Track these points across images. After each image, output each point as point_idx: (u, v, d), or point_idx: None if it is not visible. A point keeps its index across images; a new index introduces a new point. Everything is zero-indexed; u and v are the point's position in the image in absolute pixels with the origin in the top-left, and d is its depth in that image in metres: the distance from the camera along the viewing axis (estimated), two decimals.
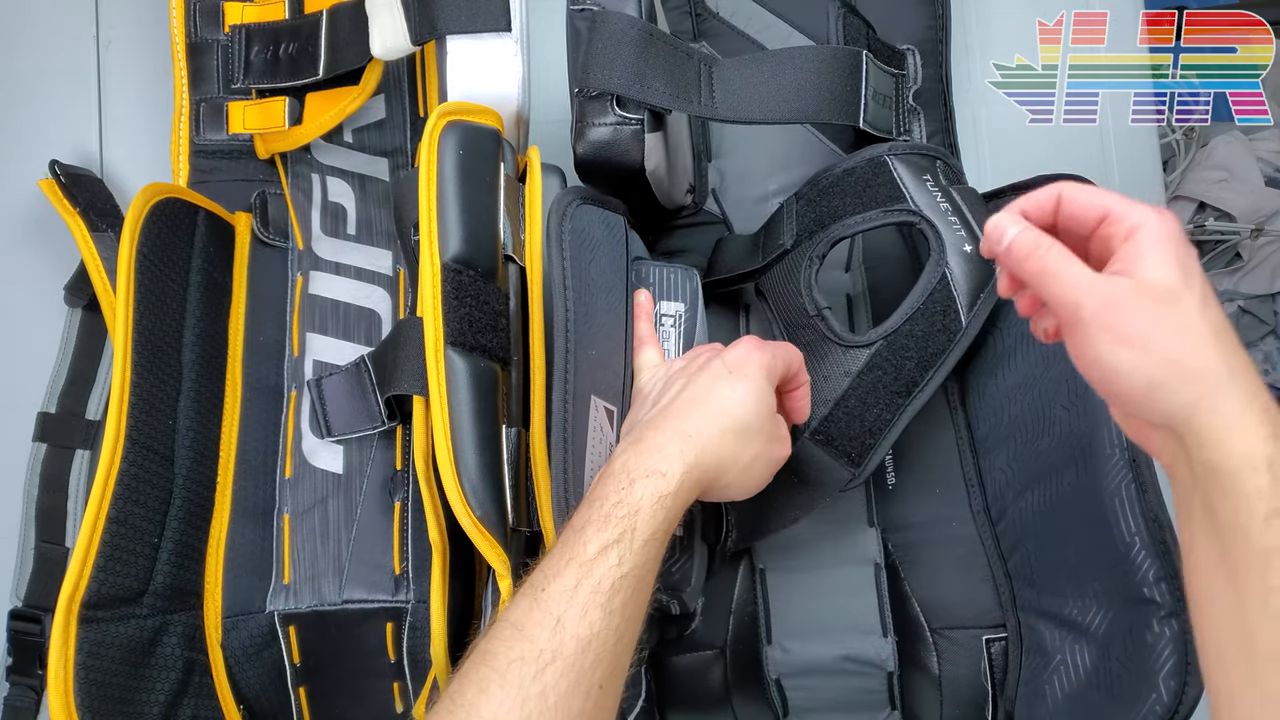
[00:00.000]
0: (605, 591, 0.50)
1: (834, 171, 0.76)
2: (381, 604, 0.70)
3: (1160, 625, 0.59)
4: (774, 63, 0.73)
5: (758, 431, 0.60)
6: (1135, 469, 0.62)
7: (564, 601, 0.50)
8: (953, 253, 0.70)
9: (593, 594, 0.50)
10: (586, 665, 0.49)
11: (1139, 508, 0.61)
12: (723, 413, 0.59)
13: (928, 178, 0.74)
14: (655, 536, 0.54)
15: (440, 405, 0.60)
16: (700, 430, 0.58)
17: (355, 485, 0.74)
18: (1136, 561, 0.60)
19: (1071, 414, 0.67)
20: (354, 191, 0.84)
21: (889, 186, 0.73)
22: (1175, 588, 0.58)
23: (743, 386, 0.60)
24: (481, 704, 0.47)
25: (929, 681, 0.72)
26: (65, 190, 0.81)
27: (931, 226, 0.71)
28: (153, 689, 0.66)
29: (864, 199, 0.74)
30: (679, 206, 0.84)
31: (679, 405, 0.60)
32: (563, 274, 0.63)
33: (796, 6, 0.88)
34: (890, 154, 0.75)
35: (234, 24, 0.86)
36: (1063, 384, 0.68)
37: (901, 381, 0.69)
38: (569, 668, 0.48)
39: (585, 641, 0.49)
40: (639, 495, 0.54)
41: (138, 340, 0.71)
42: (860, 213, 0.73)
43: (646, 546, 0.53)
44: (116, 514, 0.66)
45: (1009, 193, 0.75)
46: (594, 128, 0.70)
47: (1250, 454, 0.42)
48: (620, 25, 0.68)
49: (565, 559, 0.52)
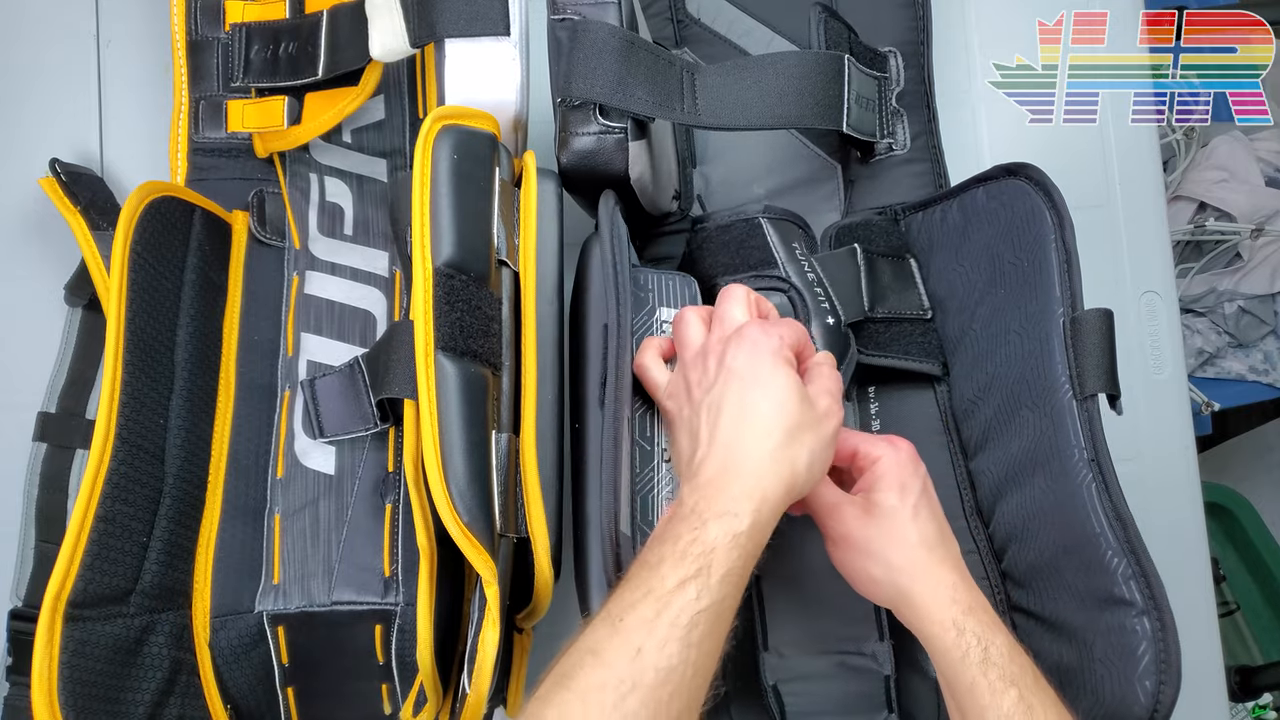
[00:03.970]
0: (684, 625, 0.50)
1: (712, 225, 0.77)
2: (371, 606, 0.70)
3: (1134, 623, 0.59)
4: (756, 69, 0.73)
5: (800, 425, 0.59)
6: (1097, 468, 0.63)
7: (643, 632, 0.50)
8: (816, 322, 0.72)
9: (671, 627, 0.50)
10: (665, 697, 0.49)
11: (1101, 507, 0.62)
12: (765, 432, 0.58)
13: (796, 245, 0.75)
14: (732, 573, 0.53)
15: (429, 410, 0.60)
16: (755, 458, 0.58)
17: (347, 487, 0.74)
18: (1107, 560, 0.61)
19: (1037, 415, 0.67)
20: (352, 192, 0.84)
21: (762, 250, 0.75)
22: (1144, 585, 0.59)
23: (772, 389, 0.59)
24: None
25: (925, 684, 0.72)
26: (66, 189, 0.81)
27: (800, 295, 0.72)
28: (139, 688, 0.66)
29: (739, 258, 0.75)
30: (665, 213, 0.84)
31: (724, 436, 0.59)
32: (615, 282, 0.64)
33: (778, 11, 0.88)
34: (764, 216, 0.76)
35: (234, 22, 0.86)
36: (1025, 385, 0.68)
37: None
38: (649, 698, 0.48)
39: (664, 673, 0.49)
40: (713, 535, 0.54)
41: (130, 339, 0.71)
42: (735, 274, 0.75)
43: (724, 583, 0.53)
44: (105, 513, 0.66)
45: (971, 185, 0.76)
46: (577, 137, 0.70)
47: (942, 619, 0.58)
48: (601, 34, 0.68)
49: (643, 591, 0.52)
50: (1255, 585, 1.64)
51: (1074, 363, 0.65)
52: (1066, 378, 0.66)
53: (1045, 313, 0.68)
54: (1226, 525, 1.64)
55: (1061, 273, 0.67)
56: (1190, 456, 0.90)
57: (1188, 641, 0.59)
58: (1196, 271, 1.65)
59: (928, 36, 0.88)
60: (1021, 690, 0.55)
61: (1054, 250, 0.68)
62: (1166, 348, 0.91)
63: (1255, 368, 1.64)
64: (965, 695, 0.56)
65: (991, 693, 0.55)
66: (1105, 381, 0.64)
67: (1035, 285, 0.69)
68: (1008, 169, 0.73)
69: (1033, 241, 0.70)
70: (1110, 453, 0.63)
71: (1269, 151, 1.64)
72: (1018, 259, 0.71)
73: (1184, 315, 1.61)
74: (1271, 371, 1.63)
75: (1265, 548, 1.60)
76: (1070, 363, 0.66)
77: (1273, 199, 1.60)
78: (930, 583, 0.59)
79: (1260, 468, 1.84)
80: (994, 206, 0.73)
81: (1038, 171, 0.71)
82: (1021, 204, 0.71)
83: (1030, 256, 0.70)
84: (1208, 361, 1.65)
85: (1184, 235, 1.62)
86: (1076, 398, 0.65)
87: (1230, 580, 1.65)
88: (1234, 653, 1.63)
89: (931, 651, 0.59)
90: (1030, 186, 0.71)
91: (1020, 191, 0.71)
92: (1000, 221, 0.73)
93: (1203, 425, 1.62)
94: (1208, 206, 1.61)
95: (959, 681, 0.57)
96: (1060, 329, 0.66)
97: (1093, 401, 0.65)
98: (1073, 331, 0.66)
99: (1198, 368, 1.65)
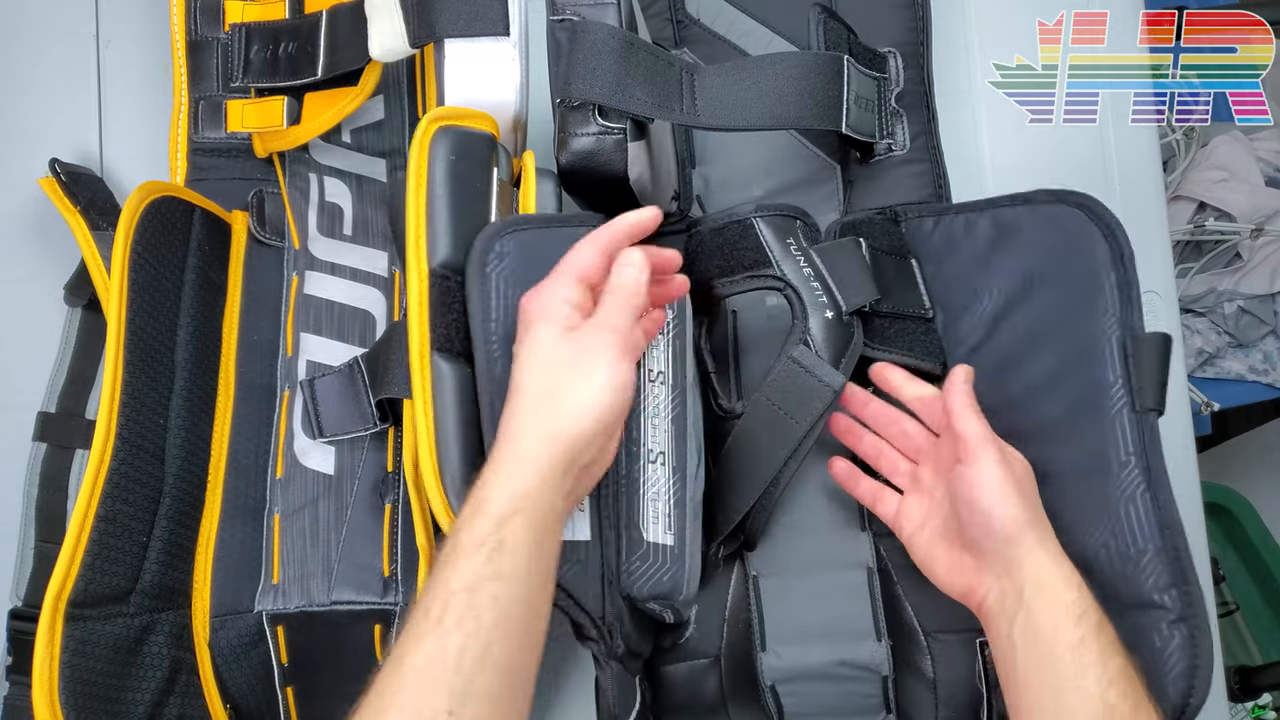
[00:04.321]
0: (435, 617, 0.50)
1: (705, 228, 0.77)
2: (370, 605, 0.70)
3: (1170, 629, 0.60)
4: (755, 69, 0.73)
5: (554, 379, 0.57)
6: (1150, 477, 0.63)
7: (404, 639, 0.50)
8: (814, 318, 0.72)
9: (425, 622, 0.50)
10: (425, 695, 0.48)
11: (1153, 515, 0.62)
12: (516, 395, 0.58)
13: (790, 240, 0.75)
14: (482, 542, 0.52)
15: (425, 411, 0.60)
16: (503, 426, 0.57)
17: (346, 486, 0.74)
18: (1144, 565, 0.62)
19: (1073, 427, 0.67)
20: (351, 192, 0.84)
21: (755, 250, 0.74)
22: (1184, 593, 0.61)
23: (524, 350, 0.58)
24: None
25: (924, 685, 0.72)
26: (66, 189, 0.81)
27: (795, 292, 0.72)
28: (139, 687, 0.66)
29: (733, 260, 0.75)
30: (664, 214, 0.84)
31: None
32: (481, 306, 0.62)
33: (777, 11, 0.88)
34: (756, 215, 0.75)
35: (234, 22, 0.86)
36: (1063, 399, 0.69)
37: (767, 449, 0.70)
38: (405, 703, 0.48)
39: (420, 670, 0.48)
40: (460, 518, 0.54)
41: (130, 339, 0.71)
42: (729, 275, 0.75)
43: (473, 555, 0.51)
44: (105, 512, 0.66)
45: (1006, 202, 0.76)
46: (576, 138, 0.70)
47: (1067, 579, 0.60)
48: (600, 35, 0.68)
49: (413, 604, 0.53)
50: (1255, 585, 1.64)
51: (1134, 377, 0.66)
52: (1124, 390, 0.66)
53: (1095, 331, 0.68)
54: (1226, 525, 1.64)
55: (1123, 296, 0.68)
56: (1190, 456, 0.90)
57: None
58: (1196, 271, 1.65)
59: (927, 37, 0.88)
60: (1125, 662, 0.57)
61: (1111, 276, 0.69)
62: None
63: (1255, 368, 1.64)
64: (1067, 650, 0.56)
65: (1102, 654, 0.56)
66: (1157, 398, 0.66)
67: (1083, 307, 0.69)
68: (1056, 195, 0.73)
69: (1084, 267, 0.70)
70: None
71: (1269, 151, 1.64)
72: (1062, 281, 0.71)
73: (1184, 315, 1.62)
74: (1271, 371, 1.63)
75: (1265, 548, 1.60)
76: (1130, 376, 0.66)
77: (1273, 199, 1.59)
78: (1055, 543, 0.62)
79: (1260, 468, 1.84)
80: (1038, 227, 0.73)
81: (1094, 201, 0.71)
82: (1072, 228, 0.71)
83: (1079, 280, 0.70)
84: (1208, 361, 1.65)
85: (1184, 235, 1.62)
86: (1134, 409, 0.66)
87: (1230, 580, 1.65)
88: (1234, 653, 1.63)
89: (1042, 604, 0.59)
90: (1086, 215, 0.71)
91: (1072, 217, 0.71)
92: (1043, 243, 0.73)
93: (1203, 425, 1.62)
94: (1208, 206, 1.61)
95: (1062, 641, 0.57)
96: (1114, 344, 0.67)
97: (1151, 415, 0.66)
98: (1135, 349, 0.66)
99: (1198, 368, 1.65)
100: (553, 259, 0.64)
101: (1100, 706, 0.54)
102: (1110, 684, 0.55)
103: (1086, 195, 0.72)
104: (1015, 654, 0.59)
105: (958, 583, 0.65)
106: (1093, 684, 0.55)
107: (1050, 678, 0.57)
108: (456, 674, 0.48)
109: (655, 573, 0.63)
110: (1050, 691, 0.57)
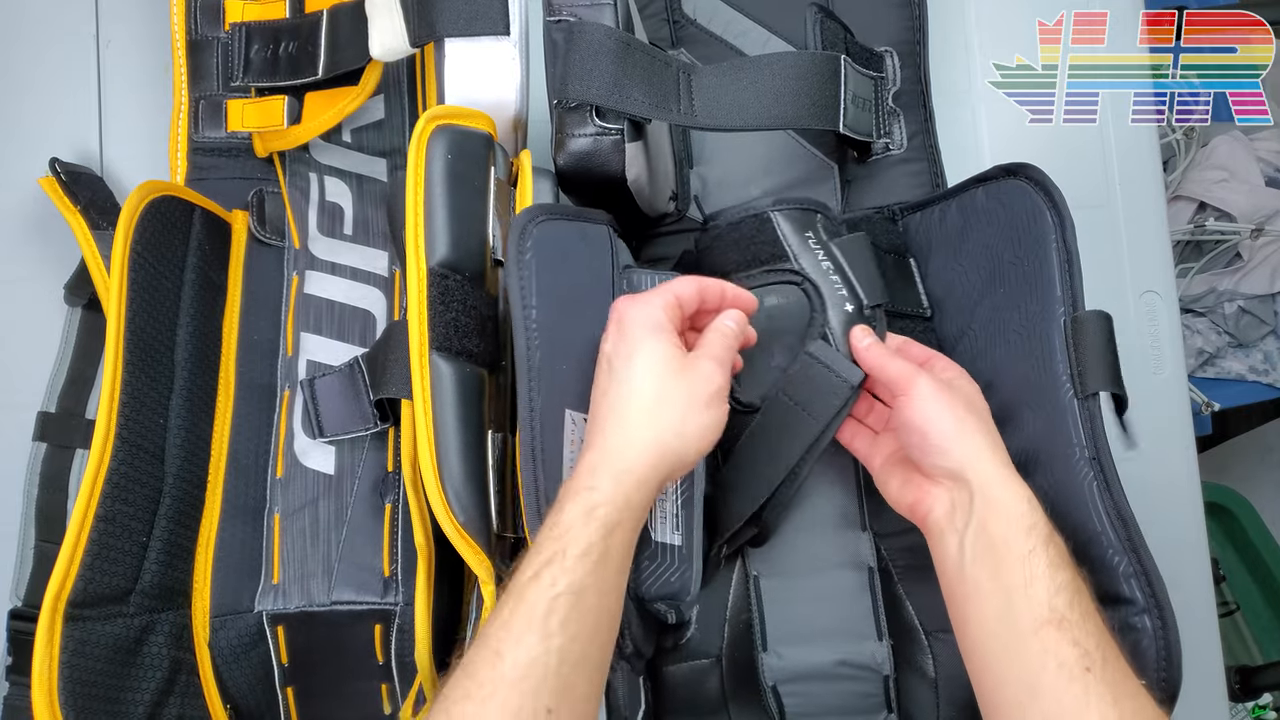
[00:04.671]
0: (540, 615, 0.51)
1: (723, 223, 0.77)
2: (370, 606, 0.70)
3: (1136, 620, 0.59)
4: (752, 69, 0.72)
5: (667, 391, 0.59)
6: (1098, 466, 0.63)
7: (501, 633, 0.51)
8: (834, 311, 0.72)
9: (527, 620, 0.51)
10: (528, 690, 0.49)
11: (1102, 505, 0.62)
12: (626, 402, 0.58)
13: (809, 234, 0.75)
14: (592, 549, 0.53)
15: (424, 410, 0.60)
16: (614, 430, 0.58)
17: (346, 486, 0.74)
18: (1109, 559, 0.61)
19: (1036, 414, 0.67)
20: (351, 191, 0.84)
21: (772, 244, 0.74)
22: (1145, 583, 0.60)
23: (636, 361, 0.59)
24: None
25: (925, 684, 0.72)
26: (66, 188, 0.81)
27: (814, 286, 0.72)
28: (138, 688, 0.66)
29: (749, 254, 0.75)
30: (662, 214, 0.84)
31: (597, 419, 0.59)
32: (521, 292, 0.63)
33: (774, 11, 0.88)
34: (774, 209, 0.75)
35: (234, 22, 0.86)
36: (1025, 384, 0.68)
37: (783, 444, 0.70)
38: (509, 697, 0.49)
39: (524, 668, 0.49)
40: (568, 516, 0.54)
41: (130, 338, 0.71)
42: (745, 270, 0.75)
43: (583, 560, 0.53)
44: (105, 512, 0.66)
45: (970, 185, 0.76)
46: (574, 139, 0.70)
47: (1017, 491, 0.60)
48: (597, 36, 0.68)
49: (505, 593, 0.53)
50: (1255, 585, 1.64)
51: (1075, 361, 0.65)
52: (1068, 376, 0.66)
53: (1046, 312, 0.68)
54: (1226, 525, 1.64)
55: (1063, 273, 0.67)
56: (1190, 456, 0.90)
57: (1188, 642, 0.59)
58: (1196, 271, 1.65)
59: (924, 36, 0.88)
60: (1075, 575, 0.57)
61: (1055, 250, 0.68)
62: (1166, 348, 0.91)
63: (1255, 368, 1.64)
64: (1017, 560, 0.57)
65: (1050, 565, 0.56)
66: (1107, 380, 0.65)
67: (1035, 285, 0.69)
68: (1007, 169, 0.73)
69: (1033, 242, 0.69)
70: (1111, 451, 0.64)
71: (1269, 151, 1.64)
72: (1018, 259, 0.71)
73: (1184, 315, 1.61)
74: (1271, 371, 1.63)
75: (1265, 548, 1.60)
76: (1072, 361, 0.66)
77: (1273, 199, 1.60)
78: (1002, 455, 0.62)
79: (1260, 468, 1.84)
80: (993, 206, 0.73)
81: (1038, 172, 0.70)
82: (1021, 204, 0.71)
83: (1031, 256, 0.70)
84: (1208, 361, 1.65)
85: (1184, 235, 1.62)
86: (1078, 396, 0.65)
87: (1230, 580, 1.65)
88: (1234, 653, 1.63)
89: (993, 516, 0.59)
90: (1031, 187, 0.71)
91: (1020, 191, 0.71)
92: (1000, 222, 0.73)
93: (1203, 425, 1.62)
94: (1208, 206, 1.61)
95: (1013, 551, 0.58)
96: (1061, 328, 0.66)
97: (1094, 400, 0.65)
98: (1074, 331, 0.66)
99: (1198, 368, 1.65)
100: (574, 251, 0.65)
101: (1048, 613, 0.55)
102: (1057, 591, 0.55)
103: (1030, 165, 0.71)
104: (964, 565, 0.60)
105: (906, 496, 0.66)
106: (1041, 592, 0.56)
107: (999, 588, 0.57)
108: (557, 675, 0.50)
109: (664, 573, 0.63)
110: (999, 601, 0.57)
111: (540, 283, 0.63)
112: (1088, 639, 0.54)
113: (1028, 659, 0.55)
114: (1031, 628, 0.55)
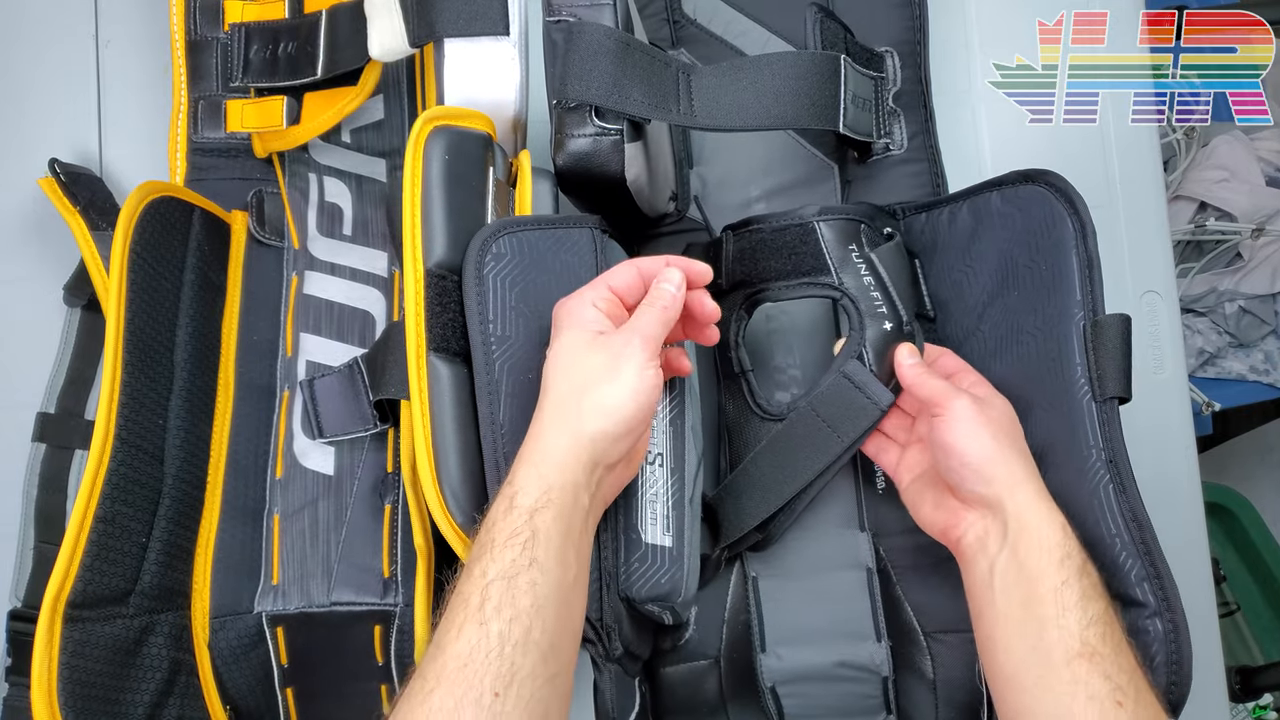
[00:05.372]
0: (475, 605, 0.52)
1: (767, 227, 0.77)
2: (370, 606, 0.70)
3: (1147, 624, 0.59)
4: (752, 69, 0.72)
5: (575, 379, 0.59)
6: (1113, 469, 0.63)
7: (443, 629, 0.52)
8: (871, 329, 0.72)
9: (463, 611, 0.52)
10: (470, 677, 0.49)
11: (1118, 508, 0.62)
12: (542, 398, 0.59)
13: (853, 246, 0.75)
14: (517, 534, 0.54)
15: (422, 411, 0.60)
16: (530, 431, 0.59)
17: (346, 487, 0.74)
18: (1121, 562, 0.61)
19: (1050, 415, 0.67)
20: (351, 192, 0.84)
21: (815, 256, 0.74)
22: (1157, 587, 0.60)
23: (556, 352, 0.60)
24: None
25: (924, 685, 0.72)
26: (65, 189, 0.81)
27: (853, 303, 0.73)
28: (138, 689, 0.66)
29: (790, 264, 0.75)
30: (662, 214, 0.84)
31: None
32: (479, 310, 0.63)
33: (774, 11, 0.88)
34: (819, 219, 0.75)
35: (234, 22, 0.86)
36: (1038, 386, 0.68)
37: (802, 458, 0.71)
38: (451, 688, 0.49)
39: (463, 657, 0.50)
40: (491, 514, 0.55)
41: (129, 339, 0.71)
42: (785, 279, 0.75)
43: (509, 546, 0.53)
44: (104, 513, 0.66)
45: (983, 189, 0.76)
46: (573, 139, 0.69)
47: (1050, 519, 0.60)
48: (596, 36, 0.68)
49: (450, 593, 0.54)
50: (1255, 585, 1.64)
51: (1094, 365, 0.66)
52: (1085, 378, 0.66)
53: (1063, 315, 0.68)
54: (1226, 525, 1.64)
55: (1083, 277, 0.68)
56: (1190, 456, 0.90)
57: None
58: (1197, 271, 1.65)
59: (924, 36, 0.88)
60: (1107, 607, 0.57)
61: (1075, 254, 0.68)
62: (1167, 348, 0.91)
63: (1256, 368, 1.64)
64: (1050, 592, 0.57)
65: (1084, 598, 0.57)
66: (1122, 385, 0.65)
67: (1054, 288, 0.69)
68: (1025, 175, 0.72)
69: (1051, 246, 0.69)
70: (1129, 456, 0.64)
71: (1269, 151, 1.64)
72: (1033, 262, 0.71)
73: (1184, 315, 1.62)
74: (1272, 371, 1.63)
75: (1265, 548, 1.60)
76: (1090, 364, 0.66)
77: (1273, 199, 1.59)
78: (1037, 484, 0.62)
79: (1260, 468, 1.84)
80: (1009, 210, 0.73)
81: (1059, 179, 0.71)
82: (1040, 209, 0.71)
83: (1048, 260, 0.70)
84: (1208, 361, 1.65)
85: (1184, 235, 1.62)
86: (1096, 399, 0.65)
87: (1230, 580, 1.65)
88: (1234, 653, 1.63)
89: (1026, 545, 0.60)
90: (1051, 193, 0.71)
91: (1039, 197, 0.71)
92: (1015, 226, 0.73)
93: (1203, 425, 1.62)
94: (1208, 206, 1.61)
95: (1046, 581, 0.58)
96: (1080, 331, 0.67)
97: (1112, 404, 0.65)
98: (1094, 334, 0.66)
99: (1198, 368, 1.65)
100: (550, 261, 0.65)
101: (1080, 645, 0.55)
102: (1090, 624, 0.56)
103: (1051, 172, 0.71)
104: (994, 593, 0.60)
105: (939, 520, 0.66)
106: (1074, 624, 0.56)
107: (1032, 618, 0.57)
108: (500, 657, 0.50)
109: (654, 574, 0.63)
110: (1031, 631, 0.57)
111: (500, 299, 0.63)
112: (1120, 674, 0.55)
113: (1059, 690, 0.55)
114: (1064, 659, 0.55)
